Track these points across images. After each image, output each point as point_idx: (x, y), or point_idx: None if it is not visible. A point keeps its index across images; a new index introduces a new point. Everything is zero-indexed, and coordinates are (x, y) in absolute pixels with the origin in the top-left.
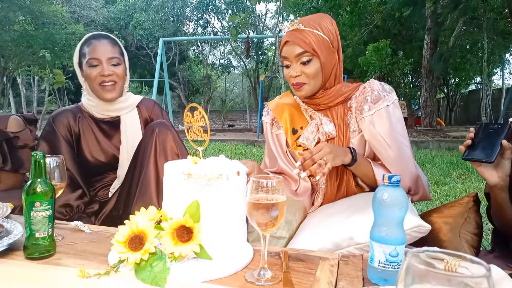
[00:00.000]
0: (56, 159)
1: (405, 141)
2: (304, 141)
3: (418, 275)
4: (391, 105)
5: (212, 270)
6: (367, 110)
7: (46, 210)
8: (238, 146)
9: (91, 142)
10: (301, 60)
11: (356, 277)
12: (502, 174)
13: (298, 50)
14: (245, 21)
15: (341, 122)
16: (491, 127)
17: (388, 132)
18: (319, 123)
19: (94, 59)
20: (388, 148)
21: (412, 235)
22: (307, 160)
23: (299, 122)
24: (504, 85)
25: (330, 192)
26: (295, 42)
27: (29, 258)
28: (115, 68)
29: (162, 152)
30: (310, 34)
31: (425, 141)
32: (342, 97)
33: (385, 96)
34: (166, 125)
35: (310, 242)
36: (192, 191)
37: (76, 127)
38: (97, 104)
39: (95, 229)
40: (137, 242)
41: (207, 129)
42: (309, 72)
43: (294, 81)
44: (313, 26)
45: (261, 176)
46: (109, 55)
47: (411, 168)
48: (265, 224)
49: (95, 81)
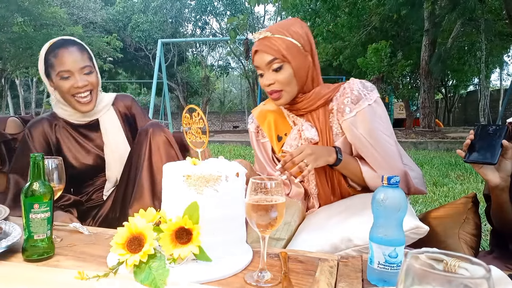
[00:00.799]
0: (55, 160)
1: (389, 139)
2: (288, 148)
3: (418, 276)
4: (373, 103)
5: (211, 272)
6: (348, 112)
7: (45, 212)
8: (237, 147)
9: (74, 148)
10: (272, 67)
11: (356, 278)
12: (504, 174)
13: (268, 57)
14: (244, 22)
15: (323, 125)
16: (489, 128)
17: (371, 132)
18: (301, 129)
19: (65, 72)
20: (372, 148)
21: (410, 237)
22: (287, 163)
23: (283, 129)
24: (502, 86)
25: (324, 195)
26: (264, 50)
27: (28, 260)
28: (89, 77)
29: (157, 153)
30: (279, 41)
31: (423, 142)
32: (323, 100)
33: (366, 95)
34: (160, 126)
35: (309, 244)
36: (191, 193)
37: (53, 135)
38: (72, 113)
39: (94, 231)
40: (136, 244)
41: (205, 131)
42: (281, 79)
43: (269, 89)
44: (281, 33)
45: (260, 177)
46: (80, 65)
47: (398, 165)
48: (265, 225)
49: (68, 93)
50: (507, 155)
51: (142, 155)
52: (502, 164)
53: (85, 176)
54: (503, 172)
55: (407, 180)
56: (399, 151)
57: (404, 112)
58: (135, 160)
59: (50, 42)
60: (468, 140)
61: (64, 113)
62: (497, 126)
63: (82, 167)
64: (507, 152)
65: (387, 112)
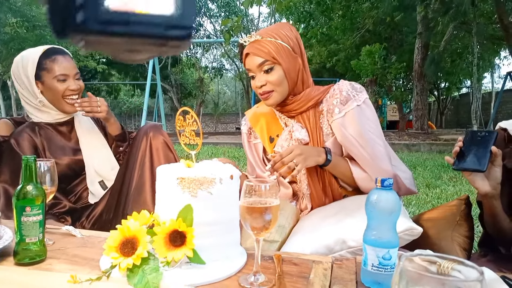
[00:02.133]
0: (47, 163)
1: (378, 140)
2: (279, 149)
3: (412, 279)
4: (362, 104)
5: (205, 275)
6: (337, 112)
7: (37, 215)
8: (231, 149)
9: (54, 147)
10: (263, 69)
11: (350, 281)
12: (494, 182)
13: (259, 60)
14: (238, 24)
15: (313, 126)
16: (478, 134)
17: (360, 132)
18: (291, 130)
19: (63, 75)
20: (361, 148)
21: (404, 238)
22: (277, 163)
23: (275, 130)
24: (493, 89)
25: (316, 195)
26: (255, 53)
27: (19, 263)
28: (79, 82)
29: (156, 155)
30: (269, 43)
31: (416, 144)
32: (313, 101)
33: (355, 96)
34: (159, 129)
35: (303, 246)
36: (185, 195)
37: (37, 139)
38: (51, 114)
39: (87, 234)
40: (129, 247)
41: (199, 133)
42: (273, 80)
43: (261, 91)
44: (271, 36)
45: (255, 180)
46: (75, 71)
47: (387, 167)
48: (259, 228)
49: (61, 94)
50: (496, 162)
51: (142, 156)
52: (492, 171)
53: (71, 175)
54: (493, 180)
55: (397, 181)
56: (388, 153)
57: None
58: (133, 161)
59: (44, 48)
60: (457, 147)
61: (41, 117)
62: (486, 133)
63: (63, 166)
64: (496, 159)
65: (376, 114)
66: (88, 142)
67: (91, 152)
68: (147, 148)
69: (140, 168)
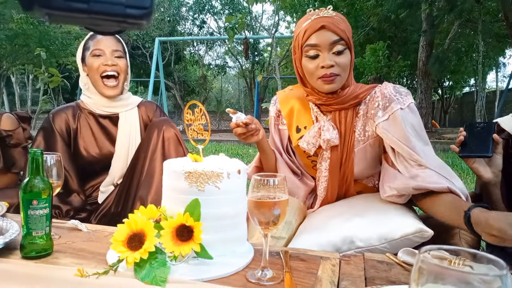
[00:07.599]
0: (54, 156)
1: (424, 147)
2: (304, 145)
3: (432, 273)
4: (406, 108)
5: (212, 270)
6: (380, 115)
7: (44, 208)
8: (235, 146)
9: (87, 137)
10: (335, 49)
11: (359, 277)
12: (495, 169)
13: (334, 37)
14: (242, 21)
15: (348, 128)
16: (477, 125)
17: (405, 136)
18: (322, 128)
19: (98, 50)
20: (411, 150)
21: (414, 240)
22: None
23: (304, 121)
24: (498, 88)
25: (328, 199)
26: (331, 28)
27: (26, 257)
28: (118, 60)
29: (168, 148)
30: (344, 24)
31: None
32: (357, 99)
33: (399, 98)
34: (171, 123)
35: (310, 244)
36: (192, 189)
37: (74, 124)
38: (97, 101)
39: (93, 228)
40: (136, 241)
41: (207, 127)
42: (342, 63)
43: (327, 72)
44: (341, 17)
45: (263, 174)
46: (113, 48)
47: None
48: (267, 223)
49: (97, 71)
50: (497, 150)
51: (153, 149)
52: (493, 158)
53: (90, 170)
54: (495, 167)
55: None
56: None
57: None
58: (144, 152)
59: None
60: (462, 136)
61: (90, 101)
62: (485, 123)
63: (89, 158)
64: (497, 147)
65: (421, 121)
66: (123, 144)
67: (123, 156)
68: (159, 141)
69: (151, 160)
